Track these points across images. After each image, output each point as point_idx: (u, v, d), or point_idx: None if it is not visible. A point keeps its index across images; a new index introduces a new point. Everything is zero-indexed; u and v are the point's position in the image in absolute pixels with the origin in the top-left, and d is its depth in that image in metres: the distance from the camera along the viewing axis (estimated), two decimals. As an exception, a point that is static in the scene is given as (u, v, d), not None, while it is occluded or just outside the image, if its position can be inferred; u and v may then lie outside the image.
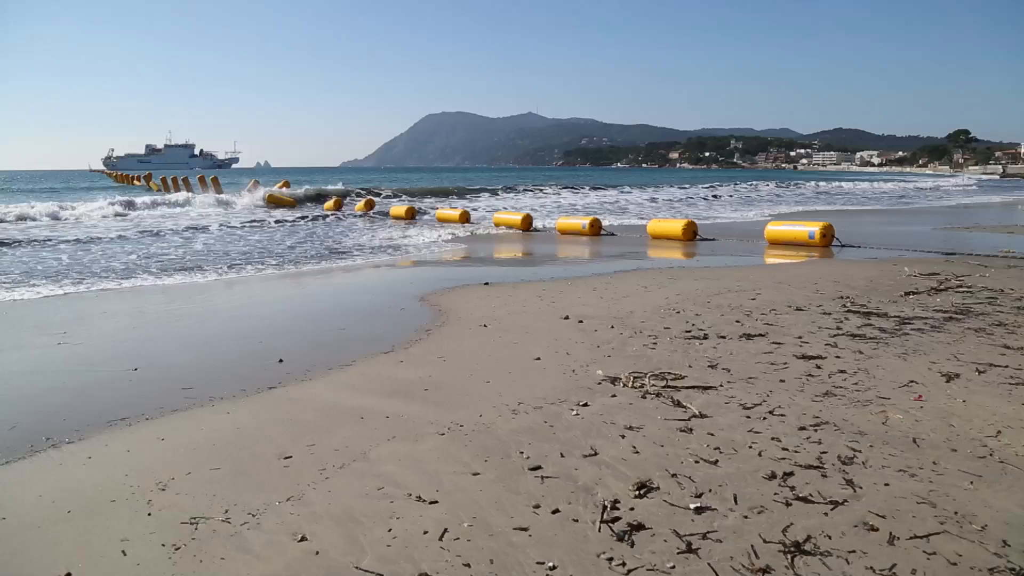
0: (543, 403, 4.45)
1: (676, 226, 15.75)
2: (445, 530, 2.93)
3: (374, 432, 4.05)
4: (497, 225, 19.25)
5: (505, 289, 8.85)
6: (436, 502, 3.18)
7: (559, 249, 14.53)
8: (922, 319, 6.76)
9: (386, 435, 3.99)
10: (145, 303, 8.51)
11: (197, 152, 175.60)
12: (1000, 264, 11.04)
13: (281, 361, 5.58)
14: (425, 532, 2.92)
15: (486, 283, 9.32)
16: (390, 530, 2.94)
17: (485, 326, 6.68)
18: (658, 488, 3.28)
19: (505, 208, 27.30)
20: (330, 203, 27.27)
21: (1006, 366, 5.18)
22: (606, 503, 3.12)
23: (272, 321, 7.35)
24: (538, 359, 5.48)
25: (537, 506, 3.12)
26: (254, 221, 21.28)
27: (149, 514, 3.15)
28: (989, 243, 14.37)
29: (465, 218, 20.76)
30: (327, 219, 22.75)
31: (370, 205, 26.09)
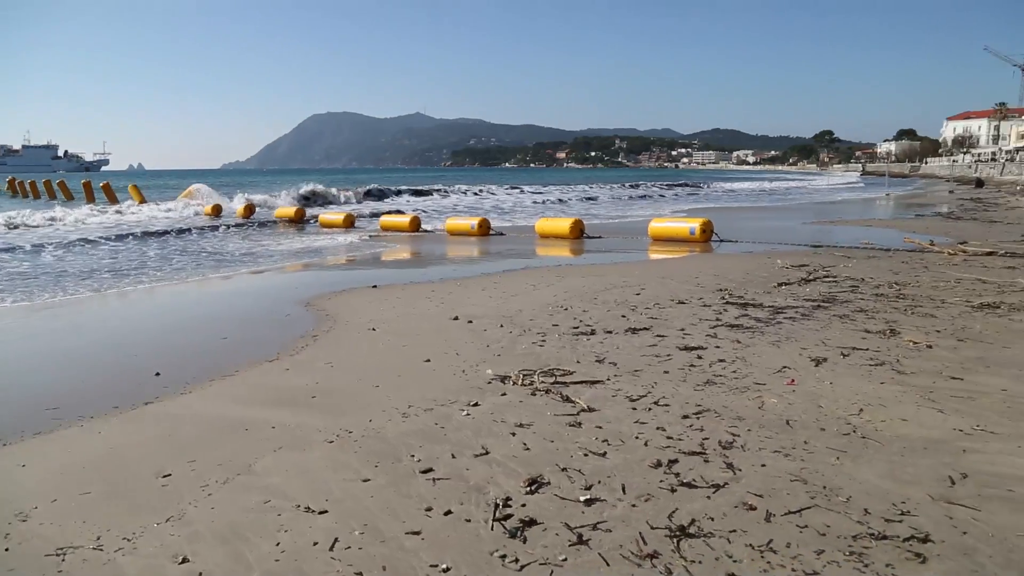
0: (433, 405, 4.44)
1: (563, 225, 16.04)
2: (336, 539, 2.87)
3: (259, 443, 3.92)
4: (384, 228, 18.96)
5: (394, 291, 8.76)
6: (326, 511, 3.11)
7: (448, 250, 14.53)
8: (793, 308, 7.15)
9: (272, 446, 3.87)
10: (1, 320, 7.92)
11: (61, 153, 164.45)
12: (861, 255, 11.83)
13: (158, 374, 5.31)
14: (315, 543, 2.85)
15: (374, 286, 9.19)
16: (278, 544, 2.86)
17: (374, 329, 6.59)
18: (549, 483, 3.32)
19: (409, 210, 27.03)
20: (241, 209, 25.86)
21: (867, 349, 5.56)
22: (498, 501, 3.14)
23: (149, 333, 7.00)
24: (428, 361, 5.45)
25: (429, 508, 3.11)
26: (142, 233, 20.09)
27: (7, 549, 2.92)
28: (851, 236, 15.37)
29: (350, 222, 20.36)
30: (228, 228, 21.70)
31: (249, 211, 24.97)
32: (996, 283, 8.68)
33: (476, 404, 4.41)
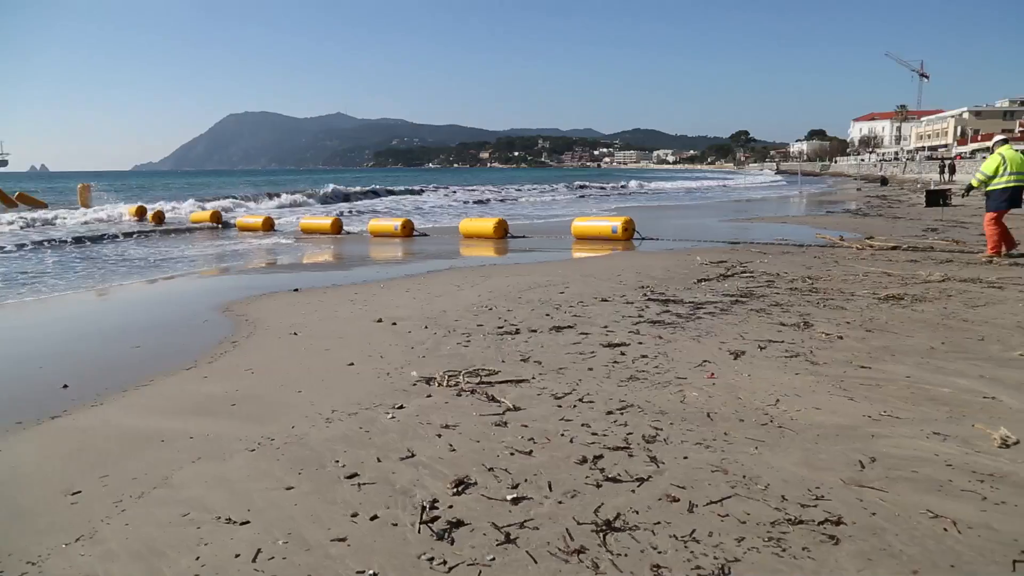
0: (358, 409, 4.37)
1: (487, 225, 16.07)
2: (259, 550, 2.80)
3: (177, 455, 3.78)
4: (305, 231, 18.58)
5: (316, 295, 8.60)
6: (248, 522, 3.02)
7: (372, 252, 14.36)
8: (713, 303, 7.35)
9: (190, 457, 3.75)
10: None
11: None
12: (776, 251, 12.25)
13: (66, 387, 5.06)
14: (237, 555, 2.77)
15: (295, 289, 9.00)
16: (198, 558, 2.76)
17: (295, 334, 6.45)
18: (476, 483, 3.32)
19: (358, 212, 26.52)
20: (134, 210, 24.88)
21: (782, 341, 5.76)
22: (425, 503, 3.12)
23: (55, 343, 6.67)
24: (351, 364, 5.38)
25: (355, 514, 3.06)
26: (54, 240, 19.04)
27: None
28: (767, 232, 15.89)
29: (269, 225, 19.86)
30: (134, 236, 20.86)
31: (158, 218, 23.77)
32: (900, 276, 9.11)
33: (401, 407, 4.37)
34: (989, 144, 12.65)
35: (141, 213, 24.59)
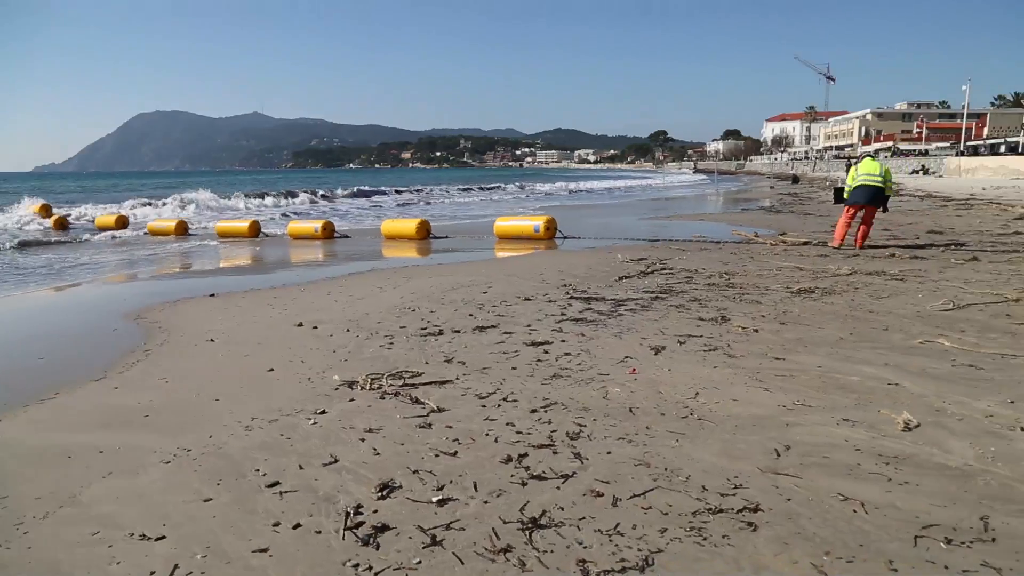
0: (279, 415, 4.27)
1: (410, 226, 15.95)
2: (176, 566, 2.70)
3: (86, 471, 3.61)
4: (221, 234, 17.99)
5: (233, 299, 8.36)
6: (163, 537, 2.91)
7: (292, 254, 14.04)
8: (634, 300, 7.48)
9: (100, 472, 3.58)
10: None
11: None
12: (694, 247, 12.56)
13: (-39, 403, 4.78)
14: (152, 573, 2.67)
15: (212, 294, 8.73)
16: (108, 577, 2.65)
17: (212, 340, 6.26)
18: (400, 487, 3.29)
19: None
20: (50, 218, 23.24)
21: (701, 336, 5.91)
22: (349, 509, 3.07)
23: (-51, 357, 6.28)
24: (272, 370, 5.24)
25: (277, 523, 2.99)
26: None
27: None
28: (686, 230, 16.28)
29: (182, 229, 19.14)
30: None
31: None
32: (811, 270, 9.47)
33: (323, 412, 4.29)
34: (889, 144, 13.63)
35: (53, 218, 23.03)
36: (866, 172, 12.09)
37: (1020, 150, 58.87)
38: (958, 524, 2.86)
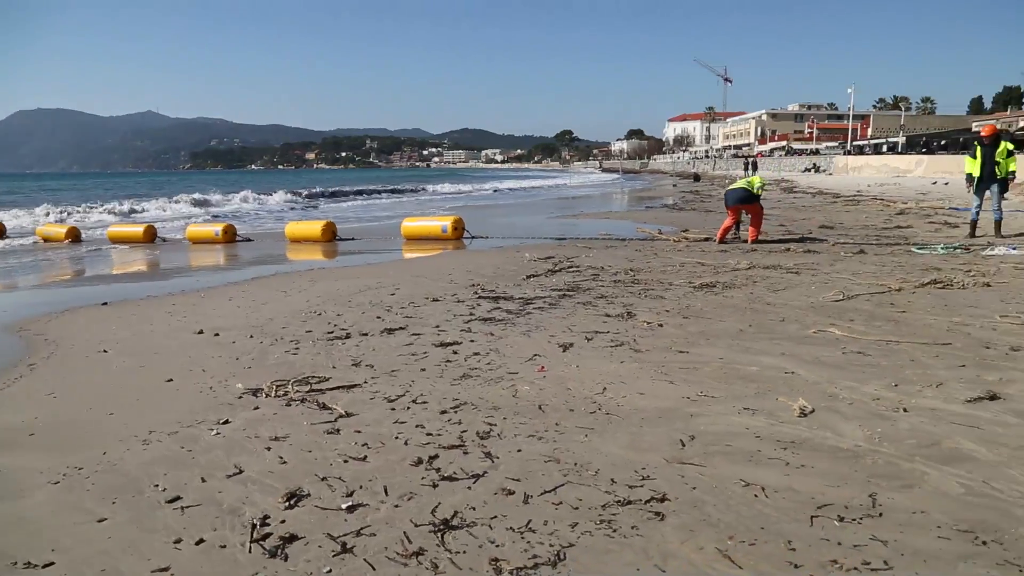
0: (179, 427, 4.10)
1: (315, 228, 15.61)
2: (66, 591, 2.55)
3: (-37, 496, 3.37)
4: (113, 240, 17.08)
5: (128, 308, 7.98)
6: (52, 564, 2.74)
7: (192, 259, 13.52)
8: (542, 298, 7.55)
9: (-22, 497, 3.35)
10: None
11: None
12: (600, 245, 12.80)
13: None
14: (39, 600, 2.52)
15: (104, 303, 8.29)
16: (-9, 607, 2.48)
17: (105, 352, 5.94)
18: (309, 495, 3.21)
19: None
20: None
21: (608, 332, 6.02)
22: (255, 521, 2.98)
23: None
24: (170, 381, 5.03)
25: (179, 540, 2.87)
26: None
27: None
28: (592, 228, 16.55)
29: (74, 235, 18.06)
30: None
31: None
32: (712, 265, 9.80)
33: (226, 422, 4.15)
34: (784, 144, 14.50)
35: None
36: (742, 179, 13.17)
37: (900, 149, 62.66)
38: (849, 502, 3.01)
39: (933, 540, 2.72)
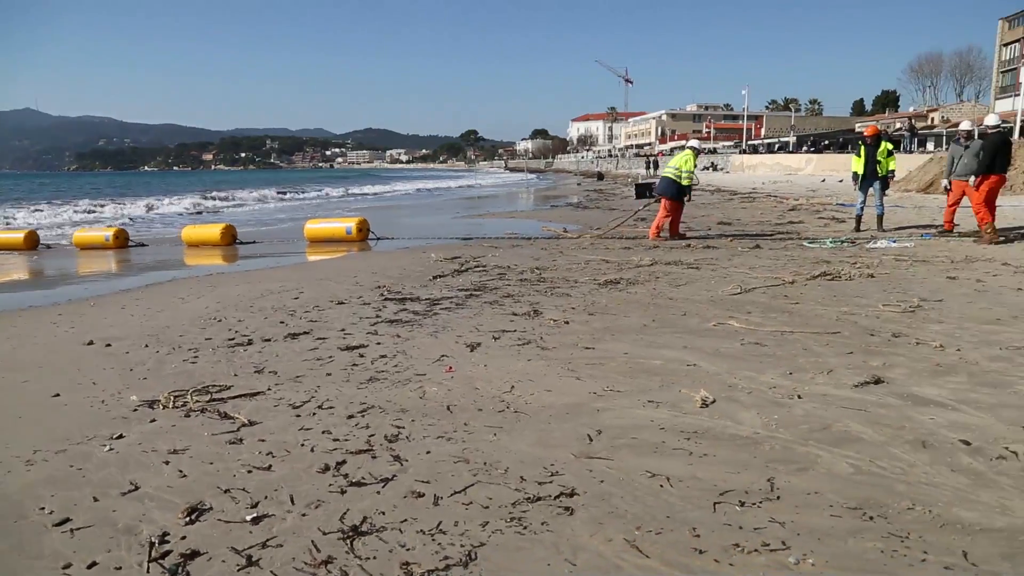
0: (67, 445, 3.87)
1: (214, 231, 15.08)
2: (-60, 627, 2.37)
3: None
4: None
5: (7, 319, 7.48)
6: (-77, 599, 2.55)
7: (80, 266, 12.82)
8: (448, 299, 7.53)
9: None
10: None
11: None
12: (507, 244, 12.86)
13: None
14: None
15: (-19, 316, 7.77)
16: None
17: (-17, 367, 5.56)
18: (211, 508, 3.09)
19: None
20: None
21: (515, 330, 6.05)
22: (153, 539, 2.84)
23: None
24: (57, 396, 4.74)
25: (68, 565, 2.71)
26: None
27: None
28: (498, 227, 16.63)
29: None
30: None
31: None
32: (616, 262, 10.00)
33: (120, 436, 3.94)
34: (684, 143, 14.97)
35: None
36: (667, 165, 13.14)
37: (791, 148, 65.60)
38: (749, 487, 3.13)
39: (826, 518, 2.86)
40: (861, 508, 2.93)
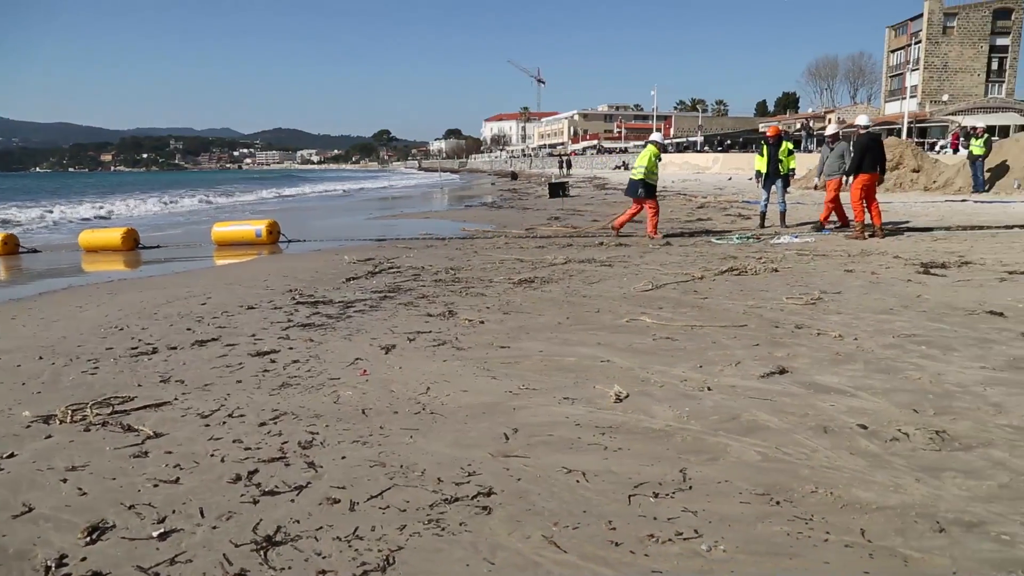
0: (-48, 466, 3.63)
1: (114, 235, 14.37)
2: None
3: None
4: None
5: None
6: None
7: (-36, 276, 12.03)
8: (362, 301, 7.42)
9: None
10: None
11: None
12: (421, 245, 12.79)
13: None
14: None
15: None
16: None
17: None
18: (114, 526, 2.95)
19: None
20: None
21: (430, 331, 6.02)
22: (49, 563, 2.69)
23: None
24: (-60, 414, 4.44)
25: (-48, 597, 2.54)
26: None
27: None
28: (412, 228, 16.52)
29: None
30: None
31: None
32: (531, 261, 10.08)
33: (11, 455, 3.71)
34: (595, 143, 15.07)
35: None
36: (637, 165, 13.07)
37: (699, 148, 67.62)
38: (663, 479, 3.21)
39: (736, 505, 2.96)
40: (768, 494, 3.05)
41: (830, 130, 13.55)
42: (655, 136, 13.69)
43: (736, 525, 2.81)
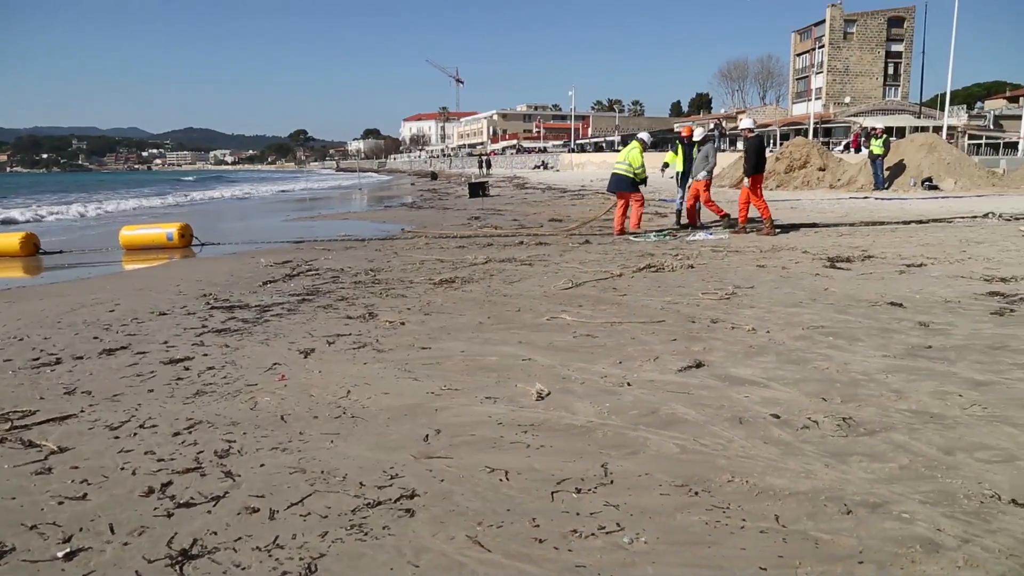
0: None
1: (12, 241, 13.59)
2: None
3: None
4: None
5: None
6: None
7: None
8: (280, 304, 7.26)
9: None
10: None
11: None
12: (340, 247, 12.60)
13: None
14: None
15: None
16: None
17: None
18: (13, 549, 2.79)
19: None
20: None
21: (349, 334, 5.94)
22: (-58, 589, 2.55)
23: None
24: None
25: None
26: None
27: None
28: (331, 229, 16.24)
29: None
30: None
31: None
32: (451, 261, 10.06)
33: (-101, 476, 3.50)
34: (514, 143, 15.24)
35: None
36: (617, 160, 13.29)
37: (616, 147, 68.79)
38: (585, 474, 3.25)
39: (656, 497, 3.03)
40: (687, 485, 3.14)
41: (697, 134, 14.02)
42: (642, 135, 13.98)
43: (656, 517, 2.88)
